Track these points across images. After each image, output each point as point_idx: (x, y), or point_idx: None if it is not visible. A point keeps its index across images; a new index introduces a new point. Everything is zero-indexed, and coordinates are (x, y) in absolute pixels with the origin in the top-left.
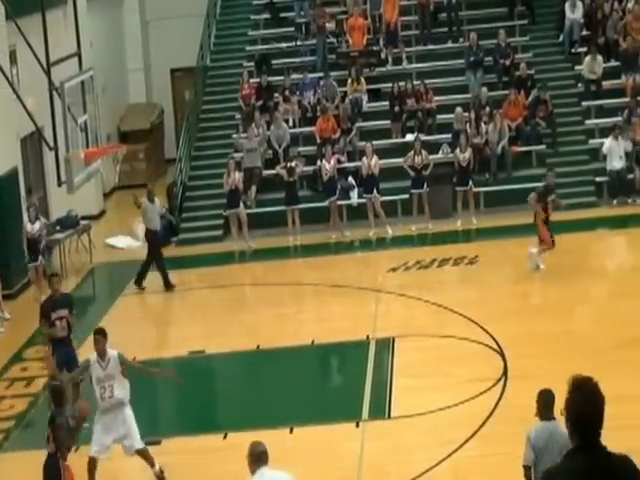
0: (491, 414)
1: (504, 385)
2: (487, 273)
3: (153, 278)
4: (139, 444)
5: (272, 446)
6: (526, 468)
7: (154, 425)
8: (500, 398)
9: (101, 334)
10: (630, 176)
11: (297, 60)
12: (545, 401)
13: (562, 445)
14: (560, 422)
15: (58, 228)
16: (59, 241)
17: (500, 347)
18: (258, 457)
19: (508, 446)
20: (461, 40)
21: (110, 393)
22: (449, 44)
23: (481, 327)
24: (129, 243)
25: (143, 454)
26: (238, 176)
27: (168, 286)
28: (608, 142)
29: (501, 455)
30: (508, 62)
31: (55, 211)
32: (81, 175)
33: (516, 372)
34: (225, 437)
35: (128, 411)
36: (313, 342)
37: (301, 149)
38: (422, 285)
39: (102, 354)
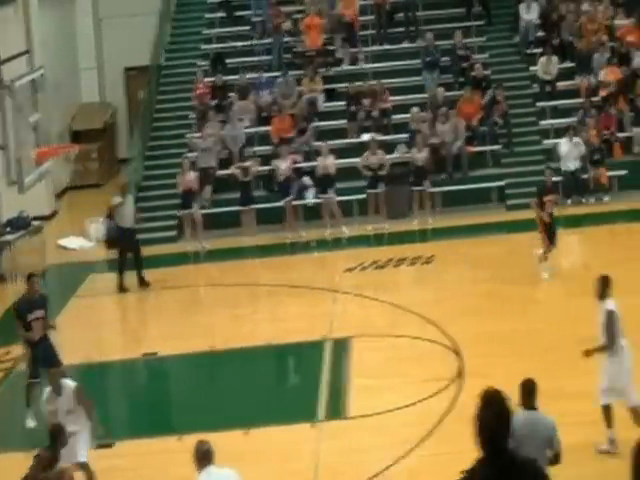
0: (447, 413)
1: (460, 384)
2: (443, 273)
3: (111, 278)
4: (83, 458)
5: (228, 447)
6: None
7: (107, 427)
8: (456, 397)
9: (56, 367)
10: (584, 176)
11: (253, 59)
12: (528, 390)
13: (545, 436)
14: (542, 414)
15: (8, 229)
16: (9, 242)
17: (456, 346)
18: (204, 455)
19: (463, 445)
20: (418, 40)
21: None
22: (406, 44)
23: (437, 327)
24: (81, 244)
25: (85, 469)
26: (192, 176)
27: (122, 288)
28: (564, 143)
29: (456, 454)
30: (465, 63)
31: (5, 212)
32: (32, 175)
33: (472, 371)
34: (179, 439)
35: (84, 434)
36: (269, 343)
37: (256, 149)
38: (378, 285)
39: (57, 390)
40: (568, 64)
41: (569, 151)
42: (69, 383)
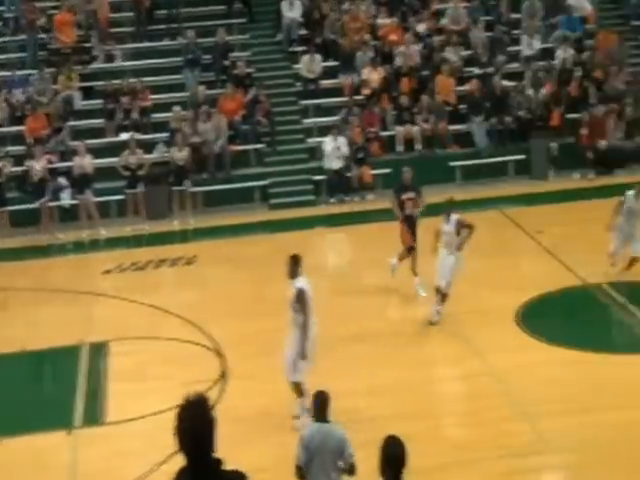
0: None
1: (223, 386)
2: (205, 273)
3: None
4: None
5: None
6: (298, 468)
7: None
8: (219, 400)
9: None
10: (348, 174)
11: (5, 56)
12: (320, 403)
13: (334, 447)
14: (335, 424)
15: None
16: None
17: (219, 348)
18: None
19: (226, 448)
20: (179, 38)
21: None
22: (166, 41)
23: (200, 328)
24: None
25: None
26: None
27: None
28: (328, 141)
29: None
30: (227, 61)
31: None
32: None
33: (235, 372)
34: None
35: None
36: (24, 349)
37: (9, 149)
38: (138, 287)
39: None
40: (331, 62)
41: (333, 150)
42: None
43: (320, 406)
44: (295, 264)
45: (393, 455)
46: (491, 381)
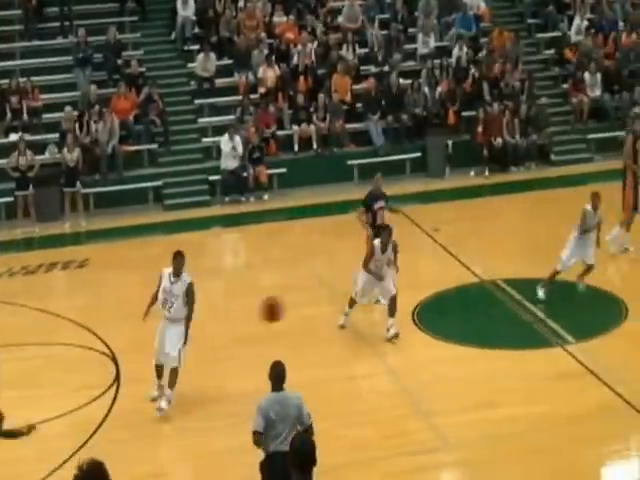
0: (104, 421)
1: (117, 390)
2: (98, 276)
3: None
4: None
5: None
6: (256, 433)
7: None
8: (113, 404)
9: None
10: (244, 174)
11: None
12: (277, 373)
13: (295, 413)
14: (289, 392)
15: None
16: None
17: (112, 352)
18: None
19: (121, 455)
20: (70, 36)
21: None
22: (58, 40)
23: (92, 332)
24: None
25: None
26: None
27: None
28: (224, 141)
29: (116, 462)
30: (119, 60)
31: None
32: None
33: (129, 376)
34: None
35: None
36: None
37: None
38: (29, 291)
39: None
40: (226, 61)
41: (228, 149)
42: None
43: (277, 376)
44: (182, 260)
45: (302, 452)
46: (389, 380)
